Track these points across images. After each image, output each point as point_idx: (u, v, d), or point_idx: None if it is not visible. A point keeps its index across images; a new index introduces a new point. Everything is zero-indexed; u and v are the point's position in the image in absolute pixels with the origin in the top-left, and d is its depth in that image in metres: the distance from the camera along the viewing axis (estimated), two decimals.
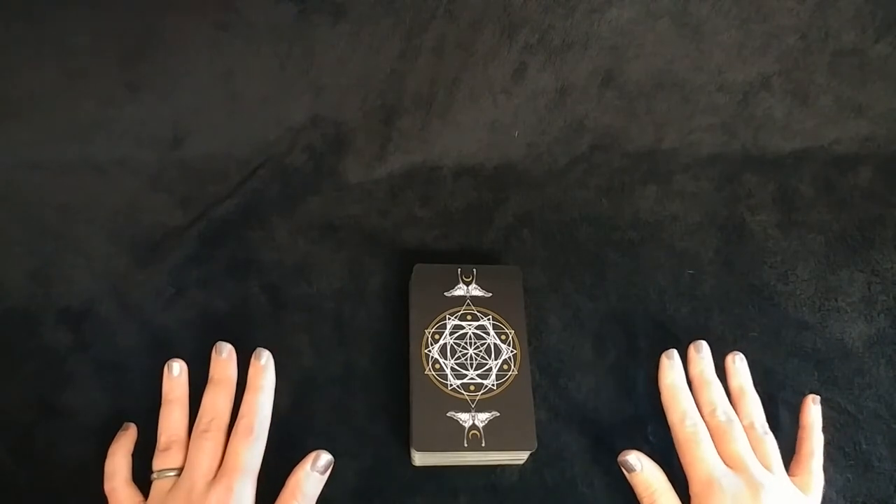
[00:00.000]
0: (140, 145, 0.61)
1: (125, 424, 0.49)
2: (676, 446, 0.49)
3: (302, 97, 0.62)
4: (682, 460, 0.49)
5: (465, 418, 0.49)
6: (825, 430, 0.54)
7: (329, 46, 0.59)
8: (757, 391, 0.55)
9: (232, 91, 0.60)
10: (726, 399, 0.51)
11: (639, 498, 0.49)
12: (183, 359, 0.52)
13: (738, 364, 0.53)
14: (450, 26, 0.59)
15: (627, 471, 0.49)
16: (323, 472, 0.48)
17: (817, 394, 0.56)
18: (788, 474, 0.49)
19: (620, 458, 0.49)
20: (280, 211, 0.61)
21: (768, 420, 0.54)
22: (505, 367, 0.51)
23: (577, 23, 0.59)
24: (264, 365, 0.51)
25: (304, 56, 0.59)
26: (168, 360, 0.51)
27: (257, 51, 0.59)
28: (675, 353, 0.53)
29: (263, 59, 0.59)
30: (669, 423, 0.51)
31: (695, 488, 0.47)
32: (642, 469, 0.49)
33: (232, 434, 0.48)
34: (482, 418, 0.49)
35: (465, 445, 0.48)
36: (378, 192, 0.63)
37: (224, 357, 0.51)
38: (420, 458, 0.50)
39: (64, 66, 0.57)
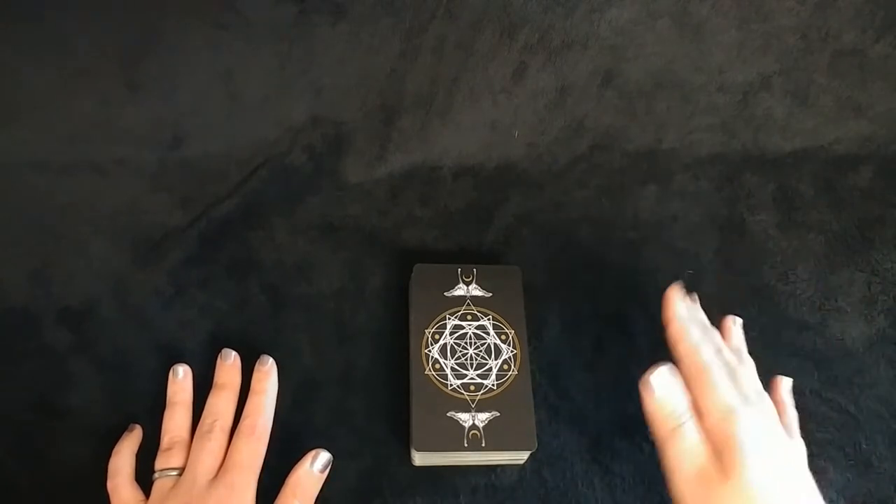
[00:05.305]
0: (140, 145, 0.61)
1: (131, 426, 0.50)
2: (687, 379, 0.45)
3: (302, 97, 0.62)
4: (694, 393, 0.44)
5: (465, 418, 0.49)
6: (825, 429, 0.54)
7: (329, 46, 0.59)
8: None
9: (232, 91, 0.60)
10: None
11: (655, 429, 0.44)
12: (183, 359, 0.52)
13: (736, 327, 0.52)
14: (450, 26, 0.59)
15: (651, 392, 0.44)
16: (322, 471, 0.48)
17: (817, 394, 0.56)
18: None
19: (647, 377, 0.45)
20: (280, 211, 0.61)
21: None
22: (505, 367, 0.51)
23: (577, 23, 0.60)
24: (268, 370, 0.51)
25: (304, 56, 0.59)
26: (169, 361, 0.51)
27: (257, 51, 0.59)
28: (680, 286, 0.49)
29: (263, 59, 0.59)
30: (677, 356, 0.47)
31: (711, 419, 0.43)
32: (670, 393, 0.44)
33: (235, 433, 0.48)
34: (482, 418, 0.49)
35: (465, 445, 0.48)
36: (378, 192, 0.63)
37: (229, 363, 0.51)
38: (420, 458, 0.50)
39: (64, 66, 0.57)
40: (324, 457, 0.48)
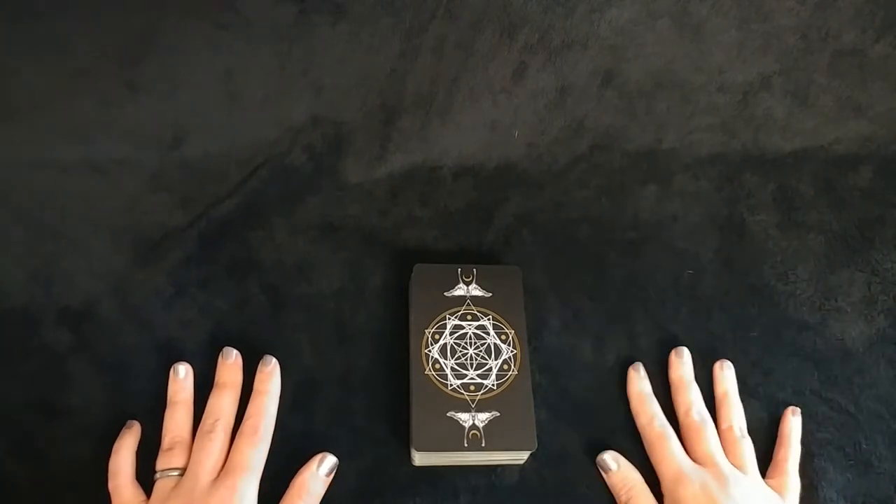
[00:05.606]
0: (140, 145, 0.61)
1: (129, 422, 0.50)
2: (647, 447, 0.51)
3: (302, 97, 0.62)
4: (652, 459, 0.51)
5: (465, 418, 0.49)
6: (825, 429, 0.54)
7: (329, 46, 0.59)
8: (757, 391, 0.55)
9: (232, 91, 0.60)
10: (702, 401, 0.53)
11: (616, 497, 0.50)
12: (183, 359, 0.52)
13: (725, 371, 0.55)
14: (450, 26, 0.59)
15: (604, 471, 0.50)
16: (328, 475, 0.48)
17: (817, 394, 0.56)
18: (765, 478, 0.50)
19: (598, 458, 0.51)
20: (280, 211, 0.61)
21: (768, 420, 0.54)
22: (505, 367, 0.51)
23: (577, 23, 0.59)
24: (271, 371, 0.51)
25: (304, 56, 0.59)
26: (169, 361, 0.51)
27: (257, 51, 0.59)
28: (641, 365, 0.55)
29: (263, 59, 0.59)
30: (639, 427, 0.52)
31: (665, 484, 0.49)
32: (619, 468, 0.50)
33: (237, 434, 0.48)
34: (482, 418, 0.49)
35: (465, 445, 0.48)
36: (378, 192, 0.63)
37: (230, 362, 0.51)
38: (420, 458, 0.50)
39: (64, 66, 0.57)
40: (330, 461, 0.48)
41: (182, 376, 0.51)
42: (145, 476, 0.47)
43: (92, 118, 0.59)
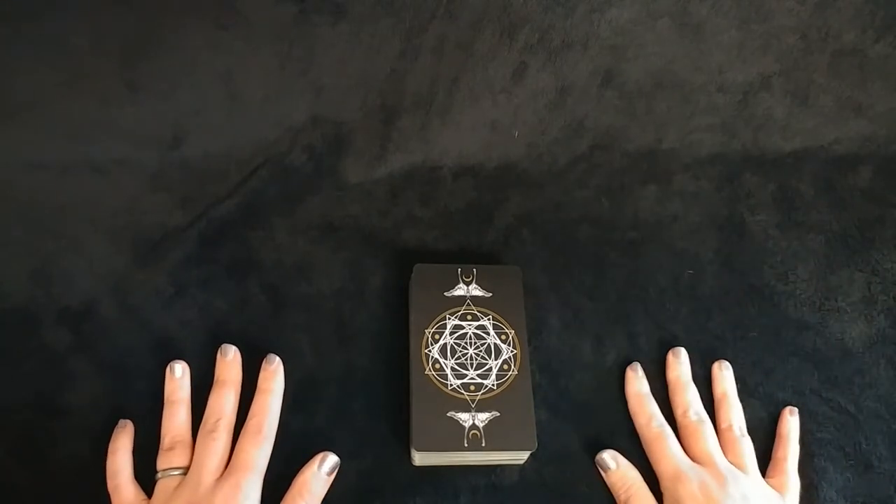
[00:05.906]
0: (140, 145, 0.61)
1: (121, 422, 0.50)
2: (645, 447, 0.52)
3: (302, 97, 0.62)
4: (651, 459, 0.51)
5: (465, 418, 0.49)
6: (825, 429, 0.54)
7: (329, 46, 0.59)
8: (757, 391, 0.55)
9: (232, 91, 0.60)
10: (699, 401, 0.53)
11: (615, 496, 0.50)
12: (183, 359, 0.52)
13: (723, 371, 0.55)
14: (450, 26, 0.59)
15: (603, 470, 0.51)
16: (330, 474, 0.48)
17: (817, 394, 0.56)
18: (765, 477, 0.51)
19: (597, 457, 0.51)
20: (280, 211, 0.61)
21: (768, 420, 0.54)
22: (505, 367, 0.51)
23: (577, 23, 0.60)
24: (274, 369, 0.51)
25: (304, 56, 0.59)
26: (169, 361, 0.51)
27: (257, 51, 0.59)
28: (639, 365, 0.55)
29: (263, 59, 0.59)
30: (637, 427, 0.53)
31: (664, 483, 0.49)
32: (618, 467, 0.50)
33: (241, 433, 0.48)
34: (482, 418, 0.49)
35: (465, 445, 0.48)
36: (378, 192, 0.63)
37: (229, 359, 0.51)
38: (420, 458, 0.50)
39: (64, 66, 0.57)
40: (332, 460, 0.48)
41: (179, 375, 0.51)
42: (145, 476, 0.47)
43: (92, 118, 0.59)
